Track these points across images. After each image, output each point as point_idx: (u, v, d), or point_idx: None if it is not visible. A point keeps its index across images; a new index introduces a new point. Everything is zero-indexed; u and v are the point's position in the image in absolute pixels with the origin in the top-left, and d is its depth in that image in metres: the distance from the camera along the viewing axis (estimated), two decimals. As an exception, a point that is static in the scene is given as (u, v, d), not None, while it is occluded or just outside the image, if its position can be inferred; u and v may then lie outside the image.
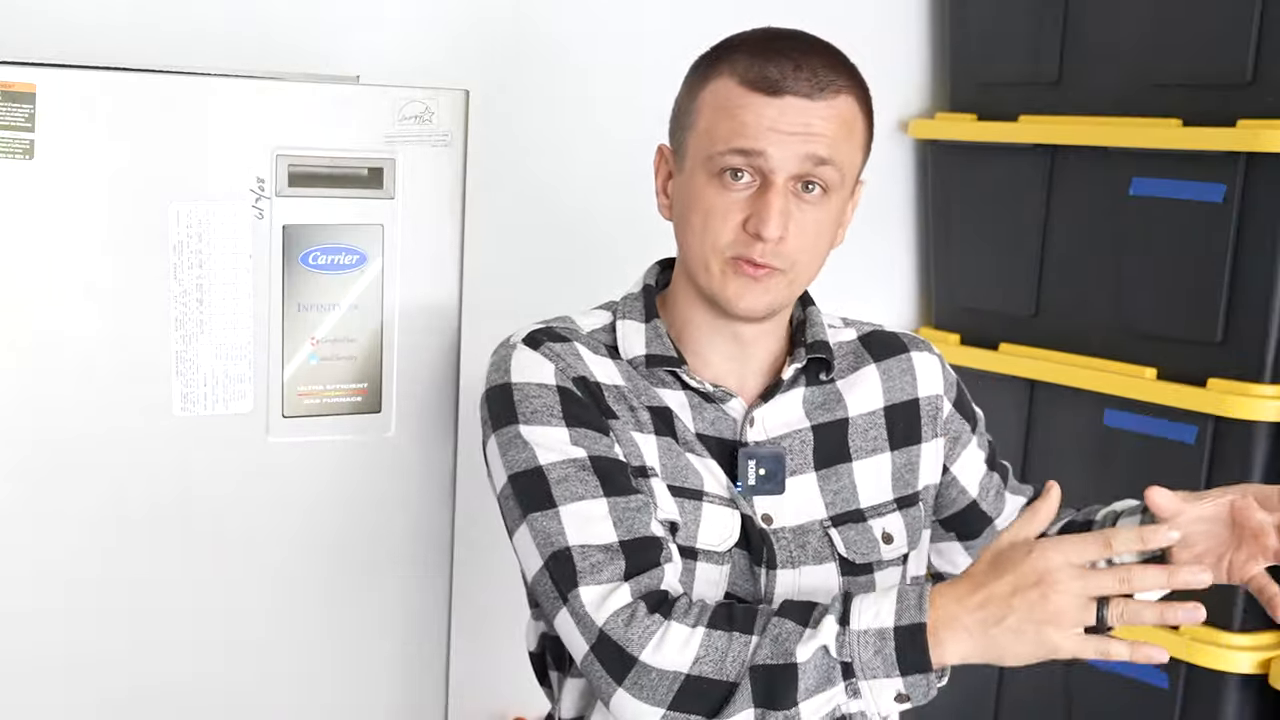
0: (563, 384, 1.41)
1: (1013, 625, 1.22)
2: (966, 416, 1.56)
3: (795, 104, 1.37)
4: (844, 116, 1.40)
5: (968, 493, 1.56)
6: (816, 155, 1.37)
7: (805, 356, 1.47)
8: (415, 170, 1.54)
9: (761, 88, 1.37)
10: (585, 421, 1.39)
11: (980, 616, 1.23)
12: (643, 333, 1.46)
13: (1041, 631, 1.21)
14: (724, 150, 1.37)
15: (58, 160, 1.40)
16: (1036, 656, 1.23)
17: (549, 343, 1.43)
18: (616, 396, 1.43)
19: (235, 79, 1.48)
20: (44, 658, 1.45)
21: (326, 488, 1.56)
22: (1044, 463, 2.38)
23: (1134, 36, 2.24)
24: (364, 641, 1.60)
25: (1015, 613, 1.21)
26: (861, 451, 1.47)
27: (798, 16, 2.58)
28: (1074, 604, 1.21)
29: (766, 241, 1.36)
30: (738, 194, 1.38)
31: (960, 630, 1.23)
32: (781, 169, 1.36)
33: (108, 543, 1.46)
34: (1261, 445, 2.08)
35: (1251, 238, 2.07)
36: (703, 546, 1.42)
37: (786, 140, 1.36)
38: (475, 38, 2.18)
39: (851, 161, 1.42)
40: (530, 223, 2.22)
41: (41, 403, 1.42)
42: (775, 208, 1.36)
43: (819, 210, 1.40)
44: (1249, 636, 2.11)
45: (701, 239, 1.40)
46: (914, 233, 2.69)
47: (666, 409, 1.44)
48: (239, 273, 1.48)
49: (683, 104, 1.44)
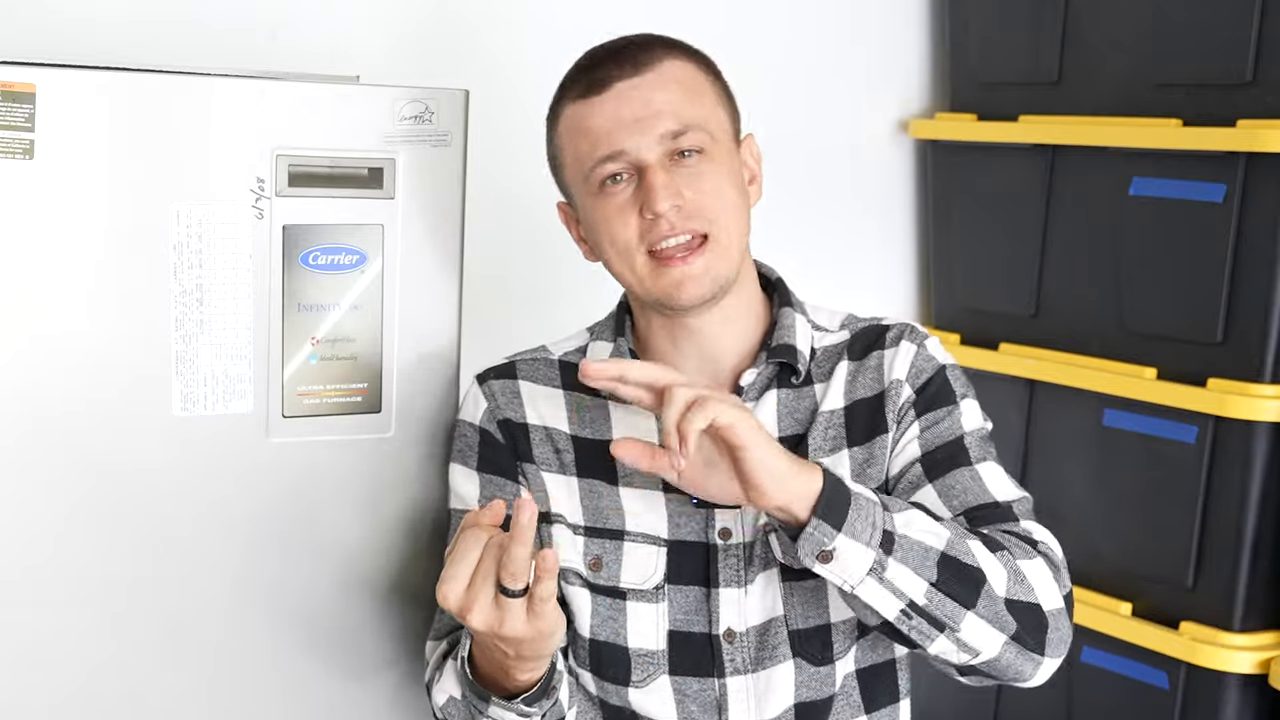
0: (486, 426, 1.51)
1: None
2: (922, 404, 1.45)
3: (624, 87, 1.40)
4: (679, 79, 1.42)
5: (890, 474, 1.46)
6: (669, 130, 1.39)
7: (767, 361, 1.46)
8: (415, 170, 1.54)
9: (592, 90, 1.41)
10: (496, 466, 1.49)
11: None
12: (608, 352, 1.49)
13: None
14: (592, 165, 1.41)
15: (58, 160, 1.39)
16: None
17: (493, 380, 1.53)
18: (543, 439, 1.49)
19: (235, 79, 1.48)
20: (44, 658, 1.45)
21: (326, 488, 1.56)
22: (1044, 463, 2.38)
23: (1134, 36, 2.24)
24: (363, 641, 1.60)
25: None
26: (820, 451, 1.45)
27: (798, 16, 2.59)
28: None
29: (663, 215, 1.38)
30: (623, 194, 1.41)
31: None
32: (647, 152, 1.39)
33: (107, 543, 1.46)
34: (1261, 445, 2.08)
35: (1251, 238, 2.07)
36: (627, 585, 1.45)
37: (635, 126, 1.39)
38: (475, 38, 2.18)
39: (713, 119, 1.43)
40: (530, 223, 2.22)
41: (41, 403, 1.42)
42: (658, 183, 1.38)
43: (706, 165, 1.41)
44: (1249, 636, 2.11)
45: (614, 249, 1.42)
46: (914, 233, 2.69)
47: (608, 443, 1.43)
48: (239, 273, 1.48)
49: (550, 151, 1.50)
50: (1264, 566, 2.11)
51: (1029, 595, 1.32)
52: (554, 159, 1.49)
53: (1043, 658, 1.34)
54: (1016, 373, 2.41)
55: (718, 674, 1.45)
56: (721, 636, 1.44)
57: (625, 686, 1.47)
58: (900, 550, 1.27)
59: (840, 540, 1.26)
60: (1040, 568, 1.34)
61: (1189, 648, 2.12)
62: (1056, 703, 2.33)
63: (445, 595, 1.23)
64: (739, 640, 1.44)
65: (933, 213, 2.62)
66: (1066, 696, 2.33)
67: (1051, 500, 2.37)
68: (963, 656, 1.33)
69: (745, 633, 1.44)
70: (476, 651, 1.35)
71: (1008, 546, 1.34)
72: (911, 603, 1.28)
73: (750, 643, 1.44)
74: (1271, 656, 2.09)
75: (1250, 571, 2.11)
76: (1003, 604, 1.30)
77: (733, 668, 1.45)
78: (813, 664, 1.44)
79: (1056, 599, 1.34)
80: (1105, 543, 2.29)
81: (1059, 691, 2.33)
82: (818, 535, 1.26)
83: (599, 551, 1.47)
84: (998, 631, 1.31)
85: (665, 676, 1.46)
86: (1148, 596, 2.22)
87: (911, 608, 1.29)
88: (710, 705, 1.45)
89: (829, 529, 1.25)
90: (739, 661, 1.45)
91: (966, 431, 1.45)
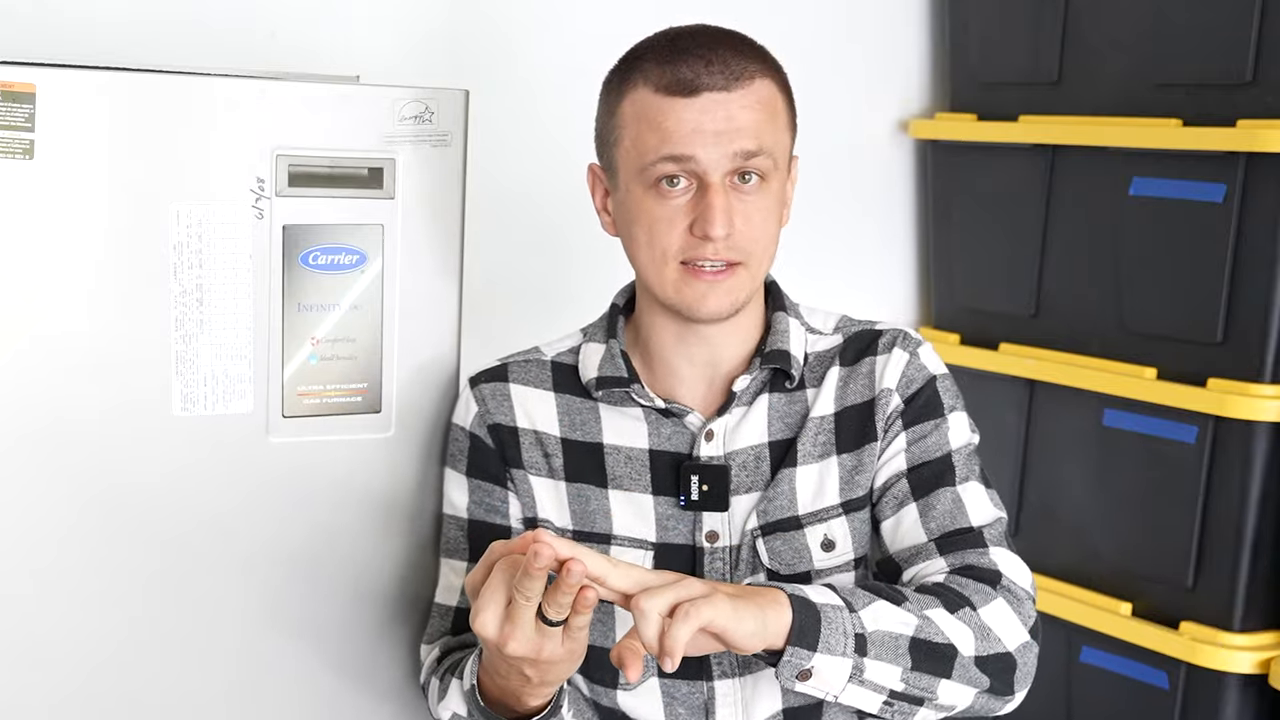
0: (475, 431, 1.51)
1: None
2: (910, 415, 1.46)
3: (714, 99, 1.37)
4: (764, 101, 1.40)
5: (875, 485, 1.48)
6: (745, 150, 1.37)
7: (761, 366, 1.46)
8: (415, 170, 1.54)
9: (677, 90, 1.37)
10: (484, 472, 1.50)
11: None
12: (600, 354, 1.48)
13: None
14: (654, 160, 1.38)
15: (58, 160, 1.40)
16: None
17: (485, 384, 1.53)
18: (532, 443, 1.49)
19: (235, 79, 1.48)
20: (44, 658, 1.45)
21: (326, 488, 1.56)
22: (1044, 463, 2.38)
23: (1134, 36, 2.24)
24: (363, 641, 1.60)
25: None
26: (809, 457, 1.45)
27: (798, 16, 2.59)
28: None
29: (715, 241, 1.37)
30: (677, 200, 1.38)
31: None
32: (715, 169, 1.37)
33: (107, 543, 1.46)
34: (1261, 445, 2.08)
35: (1251, 238, 2.07)
36: None
37: (713, 140, 1.36)
38: (475, 38, 2.18)
39: (781, 144, 1.42)
40: (530, 222, 2.22)
41: (41, 402, 1.42)
42: (718, 207, 1.36)
43: (760, 198, 1.40)
44: (1249, 636, 2.11)
45: (650, 250, 1.40)
46: (914, 233, 2.69)
47: (598, 446, 1.45)
48: (239, 273, 1.48)
49: (604, 121, 1.45)
50: (1264, 566, 2.11)
51: (996, 646, 1.35)
52: (607, 129, 1.45)
53: (1013, 695, 1.38)
54: (1016, 373, 2.41)
55: (705, 676, 1.45)
56: None
57: (614, 689, 1.47)
58: (874, 648, 1.29)
59: (818, 659, 1.27)
60: (1001, 609, 1.36)
61: (1189, 648, 2.12)
62: (1056, 703, 2.33)
63: (484, 625, 1.22)
64: None
65: (933, 213, 2.62)
66: (1066, 696, 2.33)
67: (1051, 500, 2.37)
68: (939, 714, 1.36)
69: None
70: (485, 678, 1.34)
71: (969, 598, 1.36)
72: (891, 691, 1.31)
73: None
74: (1271, 656, 2.09)
75: (1250, 571, 2.11)
76: (973, 664, 1.33)
77: (720, 670, 1.45)
78: None
79: (1021, 634, 1.37)
80: (1105, 543, 2.29)
81: (1059, 691, 2.33)
82: (795, 660, 1.27)
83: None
84: (971, 688, 1.34)
85: (654, 679, 1.46)
86: (1148, 596, 2.22)
87: (891, 695, 1.31)
88: (698, 708, 1.45)
89: (805, 652, 1.26)
90: (726, 664, 1.45)
91: (953, 449, 1.46)
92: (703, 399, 1.47)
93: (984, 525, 1.43)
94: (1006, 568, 1.41)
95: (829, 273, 2.48)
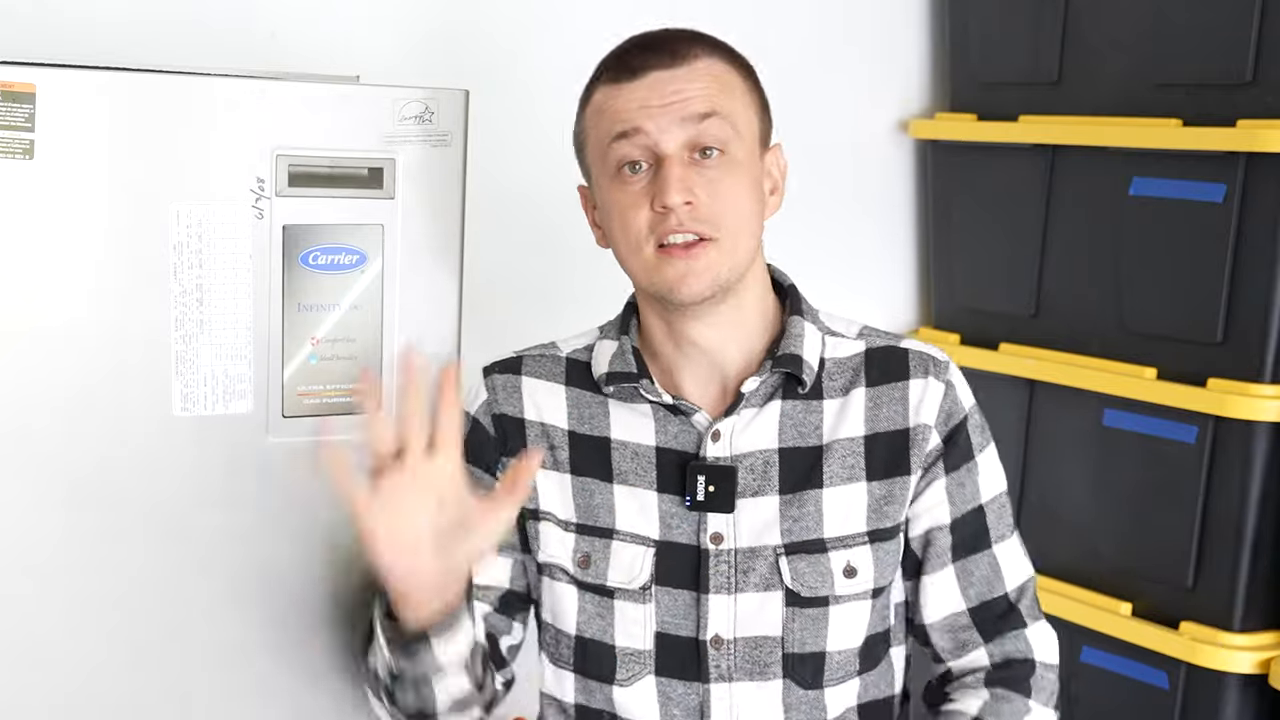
0: (480, 417, 1.53)
1: None
2: (950, 459, 1.47)
3: (659, 76, 1.38)
4: (713, 73, 1.40)
5: (911, 528, 1.48)
6: (695, 112, 1.37)
7: (771, 369, 1.45)
8: (415, 170, 1.54)
9: (624, 76, 1.39)
10: (476, 458, 1.50)
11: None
12: (612, 351, 1.49)
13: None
14: (609, 142, 1.39)
15: (58, 160, 1.39)
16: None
17: (497, 374, 1.54)
18: (538, 435, 1.50)
19: (235, 79, 1.48)
20: (44, 658, 1.45)
21: (326, 488, 1.56)
22: (1044, 463, 2.38)
23: (1134, 36, 2.24)
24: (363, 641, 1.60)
25: None
26: (836, 479, 1.44)
27: (798, 17, 2.59)
28: None
29: (673, 209, 1.36)
30: (640, 184, 1.39)
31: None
32: (667, 139, 1.37)
33: (107, 543, 1.46)
34: (1261, 445, 2.08)
35: (1251, 238, 2.07)
36: (615, 584, 1.45)
37: (660, 110, 1.37)
38: (475, 38, 2.18)
39: (742, 116, 1.41)
40: (530, 222, 2.22)
41: (41, 402, 1.42)
42: (672, 176, 1.36)
43: (724, 171, 1.39)
44: (1249, 636, 2.12)
45: (625, 238, 1.41)
46: (914, 233, 2.69)
47: (605, 440, 1.46)
48: (239, 273, 1.48)
49: (575, 133, 1.48)
50: (1264, 566, 2.11)
51: None
52: (578, 140, 1.48)
53: None
54: (1016, 373, 2.41)
55: (702, 679, 1.45)
56: (709, 642, 1.44)
57: (610, 684, 1.47)
58: None
59: None
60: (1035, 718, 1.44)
61: (1189, 648, 2.12)
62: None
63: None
64: (726, 648, 1.44)
65: (933, 213, 2.62)
66: (1066, 696, 2.32)
67: (1051, 500, 2.37)
68: None
69: (734, 641, 1.44)
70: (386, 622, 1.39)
71: (1001, 717, 1.43)
72: None
73: (738, 652, 1.44)
74: (1271, 656, 2.09)
75: (1250, 571, 2.11)
76: None
77: (717, 674, 1.44)
78: (802, 687, 1.44)
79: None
80: (1105, 543, 2.29)
81: (1059, 691, 2.33)
82: None
83: (588, 549, 1.47)
84: None
85: (651, 677, 1.46)
86: (1147, 596, 2.22)
87: None
88: (693, 710, 1.45)
89: None
90: (724, 669, 1.44)
91: (985, 501, 1.48)
92: (712, 399, 1.47)
93: (1019, 590, 1.48)
94: (1040, 650, 1.48)
95: (829, 273, 2.47)
